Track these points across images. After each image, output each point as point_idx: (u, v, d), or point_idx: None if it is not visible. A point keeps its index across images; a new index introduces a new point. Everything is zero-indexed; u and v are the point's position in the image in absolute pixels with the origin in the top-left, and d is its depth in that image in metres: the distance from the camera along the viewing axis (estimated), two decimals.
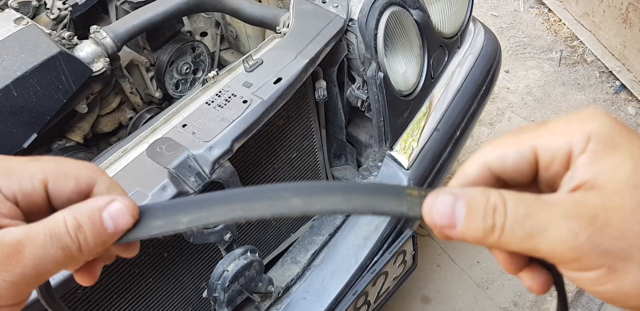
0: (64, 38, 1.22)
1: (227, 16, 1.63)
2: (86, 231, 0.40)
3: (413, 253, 1.50)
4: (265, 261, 1.42)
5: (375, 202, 0.40)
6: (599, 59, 2.84)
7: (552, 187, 0.40)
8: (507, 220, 0.36)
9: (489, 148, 0.41)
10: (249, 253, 1.17)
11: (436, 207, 0.38)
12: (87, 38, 1.26)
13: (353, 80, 1.44)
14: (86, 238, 0.40)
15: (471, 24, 1.69)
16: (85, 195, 0.43)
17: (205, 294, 1.19)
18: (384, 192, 0.40)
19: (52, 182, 0.42)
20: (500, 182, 0.42)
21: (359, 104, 1.46)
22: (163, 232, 0.42)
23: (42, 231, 0.39)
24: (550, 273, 0.42)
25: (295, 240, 1.45)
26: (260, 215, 0.40)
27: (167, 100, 1.60)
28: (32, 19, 1.31)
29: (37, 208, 0.42)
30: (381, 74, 1.34)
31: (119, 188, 0.45)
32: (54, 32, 1.22)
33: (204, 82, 1.17)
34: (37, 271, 0.39)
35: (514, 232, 0.36)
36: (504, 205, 0.36)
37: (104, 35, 1.24)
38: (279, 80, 1.15)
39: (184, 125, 1.07)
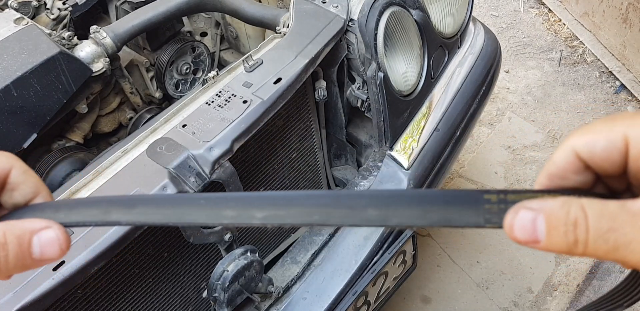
0: (64, 38, 1.22)
1: (227, 16, 1.63)
2: (9, 249, 0.40)
3: (413, 253, 1.50)
4: (265, 261, 1.42)
5: (453, 216, 0.39)
6: (599, 59, 2.84)
7: None
8: (589, 235, 0.35)
9: (578, 134, 0.40)
10: (249, 253, 1.17)
11: (516, 224, 0.37)
12: (87, 38, 1.26)
13: (353, 80, 1.44)
14: (7, 257, 0.39)
15: (471, 24, 1.69)
16: (2, 179, 0.43)
17: (205, 294, 1.19)
18: (461, 202, 0.39)
19: None
20: (590, 170, 0.40)
21: (359, 104, 1.46)
22: (234, 223, 0.42)
23: None
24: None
25: (295, 240, 1.45)
26: (338, 222, 0.40)
27: (167, 100, 1.60)
28: (32, 19, 1.31)
29: None
30: (381, 74, 1.34)
31: (34, 174, 0.45)
32: (54, 32, 1.22)
33: (204, 82, 1.17)
34: None
35: (598, 246, 0.35)
36: (585, 220, 0.36)
37: (104, 35, 1.24)
38: (279, 80, 1.15)
39: (184, 125, 1.07)
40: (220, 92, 1.13)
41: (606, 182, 0.43)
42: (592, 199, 0.37)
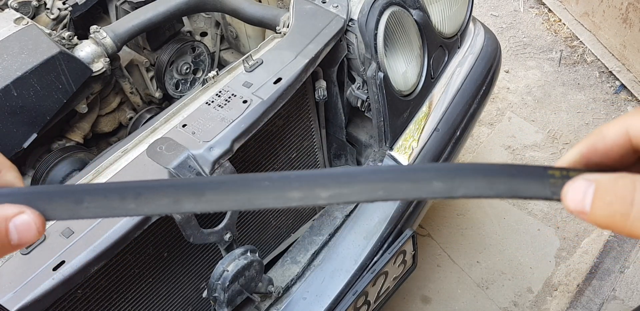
0: (64, 38, 1.22)
1: (227, 16, 1.63)
2: None
3: (413, 253, 1.50)
4: (265, 261, 1.42)
5: (519, 187, 0.39)
6: (599, 59, 2.84)
7: None
8: (633, 208, 0.35)
9: (636, 117, 0.39)
10: (249, 253, 1.17)
11: (569, 193, 0.38)
12: (87, 38, 1.26)
13: (353, 80, 1.44)
14: None
15: (471, 24, 1.69)
16: None
17: (205, 294, 1.19)
18: (526, 175, 0.39)
19: None
20: (637, 152, 0.40)
21: (359, 104, 1.46)
22: (300, 205, 0.41)
23: None
24: None
25: (295, 240, 1.45)
26: (403, 197, 0.39)
27: (167, 100, 1.60)
28: (32, 19, 1.31)
29: None
30: (381, 74, 1.34)
31: (4, 159, 0.43)
32: (54, 32, 1.22)
33: (204, 82, 1.17)
34: None
35: None
36: (632, 192, 0.35)
37: (104, 35, 1.24)
38: (279, 80, 1.15)
39: (184, 125, 1.07)
40: (220, 92, 1.13)
41: None
42: None
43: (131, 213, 0.41)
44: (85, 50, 1.23)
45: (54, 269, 0.89)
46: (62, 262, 0.90)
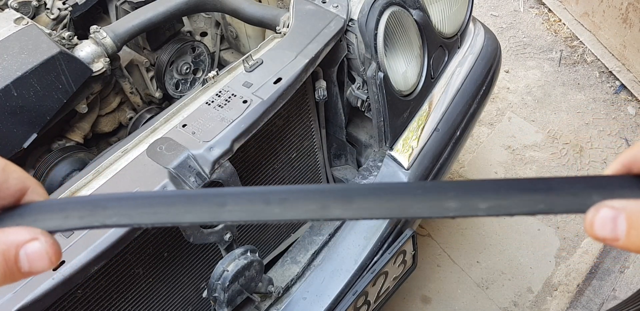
0: (64, 38, 1.22)
1: (227, 16, 1.63)
2: None
3: (413, 253, 1.50)
4: (265, 261, 1.42)
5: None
6: (599, 59, 2.84)
7: None
8: None
9: None
10: (249, 253, 1.17)
11: (597, 222, 0.38)
12: (87, 38, 1.26)
13: (353, 80, 1.44)
14: None
15: (471, 24, 1.69)
16: None
17: (205, 294, 1.19)
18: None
19: None
20: None
21: (359, 104, 1.46)
22: (456, 215, 0.40)
23: None
24: None
25: (295, 240, 1.45)
26: (562, 211, 0.40)
27: (167, 100, 1.60)
28: (32, 19, 1.31)
29: None
30: (381, 74, 1.34)
31: (15, 169, 0.41)
32: (54, 32, 1.22)
33: (204, 82, 1.17)
34: None
35: None
36: None
37: (104, 35, 1.24)
38: (279, 80, 1.15)
39: (184, 125, 1.07)
40: (220, 92, 1.13)
41: None
42: None
43: (275, 217, 0.41)
44: (85, 50, 1.23)
45: (54, 269, 0.89)
46: (62, 262, 0.90)
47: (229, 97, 1.12)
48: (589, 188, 0.40)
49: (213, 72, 1.16)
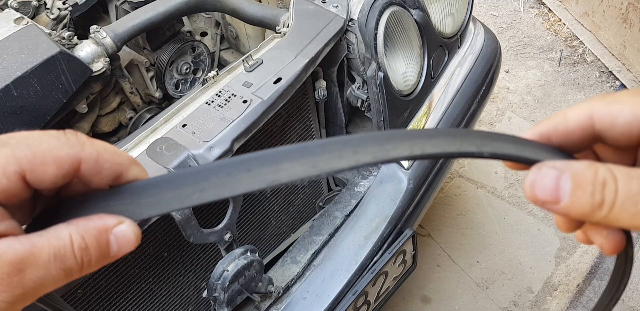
0: (64, 38, 1.22)
1: (227, 16, 1.63)
2: (92, 253, 0.37)
3: (413, 253, 1.50)
4: (265, 261, 1.42)
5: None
6: (599, 59, 2.84)
7: None
8: (617, 196, 0.35)
9: (602, 102, 0.38)
10: (249, 253, 1.17)
11: (538, 182, 0.36)
12: (87, 38, 1.26)
13: (353, 80, 1.44)
14: (90, 261, 0.37)
15: (471, 24, 1.69)
16: (71, 175, 0.38)
17: (205, 294, 1.19)
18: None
19: (29, 171, 0.36)
20: (596, 138, 0.39)
21: (359, 104, 1.46)
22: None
23: (46, 249, 0.36)
24: (625, 236, 0.40)
25: (295, 240, 1.45)
26: (506, 157, 0.39)
27: (167, 100, 1.60)
28: (32, 18, 1.31)
29: (18, 199, 0.37)
30: (381, 74, 1.34)
31: (108, 156, 0.39)
32: (54, 32, 1.22)
33: (204, 82, 1.17)
34: (37, 291, 0.36)
35: (626, 208, 0.34)
36: (614, 181, 0.35)
37: (104, 35, 1.24)
38: (279, 80, 1.15)
39: (184, 125, 1.07)
40: (220, 91, 1.13)
41: (600, 154, 0.42)
42: (617, 165, 0.36)
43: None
44: (85, 50, 1.23)
45: None
46: None
47: (229, 97, 1.12)
48: (535, 146, 0.39)
49: (213, 72, 1.17)
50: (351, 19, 1.31)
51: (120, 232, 0.38)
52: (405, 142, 0.38)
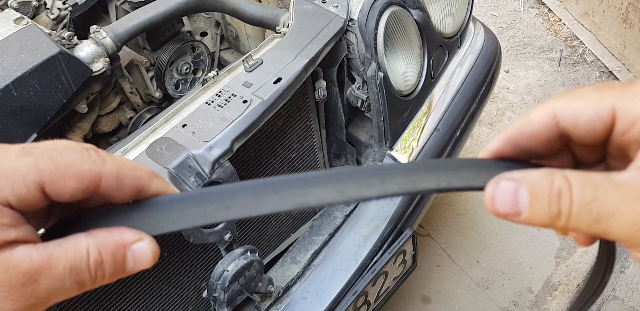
0: (64, 38, 1.22)
1: (227, 16, 1.63)
2: (106, 268, 0.37)
3: (413, 253, 1.50)
4: (265, 261, 1.42)
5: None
6: (599, 59, 2.84)
7: (623, 152, 0.38)
8: (573, 205, 0.34)
9: (564, 100, 0.38)
10: (249, 253, 1.17)
11: (498, 196, 0.36)
12: (87, 38, 1.26)
13: (353, 80, 1.44)
14: (104, 275, 0.37)
15: (471, 24, 1.69)
16: (90, 191, 0.38)
17: (205, 294, 1.19)
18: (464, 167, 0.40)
19: (48, 183, 0.36)
20: (564, 137, 0.39)
21: (359, 104, 1.46)
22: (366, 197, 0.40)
23: (62, 261, 0.36)
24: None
25: (295, 240, 1.45)
26: (461, 187, 0.40)
27: (167, 100, 1.60)
28: (32, 19, 1.31)
29: (34, 208, 0.37)
30: (381, 74, 1.34)
31: (129, 172, 0.39)
32: (54, 32, 1.22)
33: (204, 82, 1.17)
34: (48, 301, 0.36)
35: (581, 217, 0.34)
36: (569, 190, 0.34)
37: (104, 35, 1.24)
38: (279, 80, 1.15)
39: (184, 125, 1.07)
40: (220, 91, 1.13)
41: (575, 152, 0.42)
42: (574, 170, 0.35)
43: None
44: (85, 50, 1.23)
45: None
46: None
47: (229, 97, 1.12)
48: (478, 165, 0.39)
49: (213, 72, 1.17)
50: (351, 19, 1.31)
51: (138, 248, 0.38)
52: (432, 173, 0.39)
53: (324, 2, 1.31)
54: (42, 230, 0.40)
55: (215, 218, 0.39)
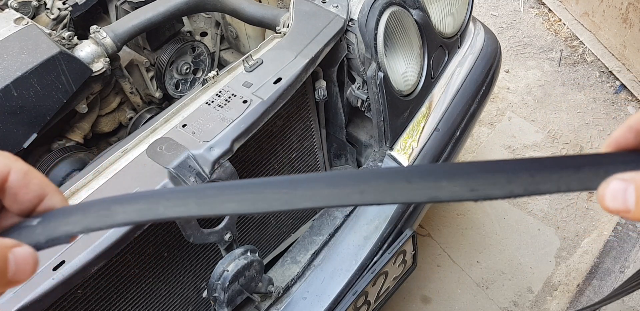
0: (64, 38, 1.22)
1: (227, 16, 1.63)
2: None
3: (413, 253, 1.50)
4: (265, 261, 1.42)
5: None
6: (599, 59, 2.84)
7: None
8: None
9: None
10: (249, 253, 1.17)
11: (608, 195, 0.39)
12: (87, 38, 1.26)
13: (353, 80, 1.44)
14: None
15: (471, 24, 1.69)
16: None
17: (205, 294, 1.19)
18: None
19: None
20: None
21: (359, 104, 1.46)
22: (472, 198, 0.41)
23: None
24: None
25: (295, 240, 1.45)
26: (576, 188, 0.41)
27: (167, 100, 1.60)
28: (32, 19, 1.31)
29: None
30: (381, 74, 1.34)
31: (37, 175, 0.42)
32: (54, 32, 1.22)
33: (204, 82, 1.17)
34: None
35: None
36: None
37: (104, 35, 1.24)
38: (279, 80, 1.15)
39: (184, 125, 1.07)
40: (220, 92, 1.13)
41: None
42: None
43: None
44: (85, 50, 1.23)
45: (54, 269, 0.89)
46: (62, 262, 0.90)
47: (229, 97, 1.12)
48: (597, 164, 0.41)
49: (213, 72, 1.17)
50: (351, 19, 1.31)
51: (20, 252, 0.39)
52: (555, 174, 0.41)
53: (324, 2, 1.31)
54: None
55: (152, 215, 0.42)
